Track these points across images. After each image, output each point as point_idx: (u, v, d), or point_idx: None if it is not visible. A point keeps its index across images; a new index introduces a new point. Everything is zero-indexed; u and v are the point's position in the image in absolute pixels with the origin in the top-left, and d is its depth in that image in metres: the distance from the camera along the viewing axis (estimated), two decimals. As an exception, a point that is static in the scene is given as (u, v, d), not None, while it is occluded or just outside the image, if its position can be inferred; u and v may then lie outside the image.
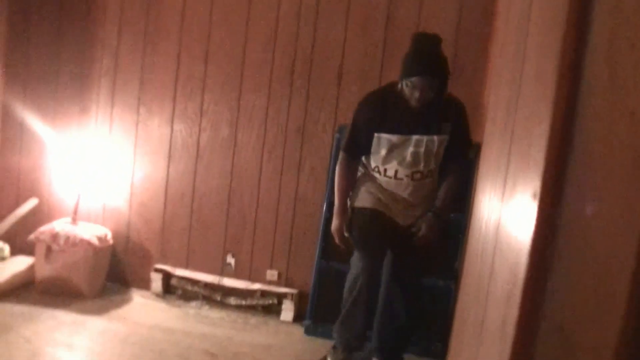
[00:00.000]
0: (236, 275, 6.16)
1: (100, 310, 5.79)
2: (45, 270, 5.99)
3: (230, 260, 6.15)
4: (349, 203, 4.77)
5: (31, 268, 6.12)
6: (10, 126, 6.46)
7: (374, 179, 4.67)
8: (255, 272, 6.12)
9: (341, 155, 4.70)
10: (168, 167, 6.21)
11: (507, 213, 1.31)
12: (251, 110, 5.99)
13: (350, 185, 4.73)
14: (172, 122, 6.17)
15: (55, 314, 5.63)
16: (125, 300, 6.04)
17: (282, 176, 5.89)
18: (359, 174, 4.79)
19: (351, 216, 4.69)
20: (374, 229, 4.61)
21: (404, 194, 4.59)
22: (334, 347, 4.90)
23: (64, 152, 6.35)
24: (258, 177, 6.04)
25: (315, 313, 5.77)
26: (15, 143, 6.48)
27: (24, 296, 5.86)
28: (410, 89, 4.29)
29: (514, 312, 1.15)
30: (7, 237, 6.39)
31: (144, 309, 5.94)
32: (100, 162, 6.29)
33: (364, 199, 4.65)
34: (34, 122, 6.42)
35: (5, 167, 6.50)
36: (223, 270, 6.18)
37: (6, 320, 5.41)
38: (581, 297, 0.99)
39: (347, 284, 4.73)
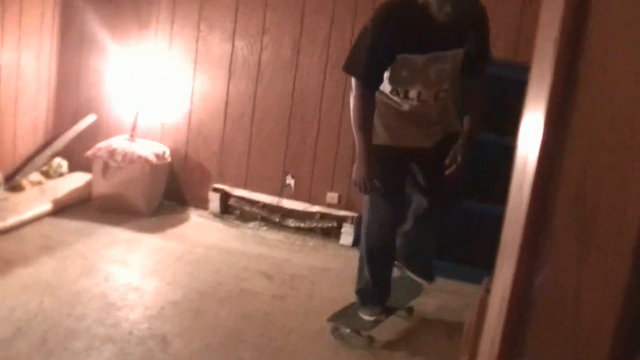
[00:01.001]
0: (295, 196, 6.08)
1: (156, 229, 5.78)
2: (102, 187, 5.98)
3: (290, 181, 6.06)
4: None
5: (88, 184, 6.12)
6: (69, 42, 6.41)
7: (388, 106, 4.12)
8: (314, 194, 6.03)
9: (358, 86, 3.94)
10: (228, 85, 6.11)
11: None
12: (313, 32, 5.83)
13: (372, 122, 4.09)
14: (233, 39, 6.05)
15: (111, 230, 5.63)
16: (182, 219, 6.01)
17: (344, 98, 5.73)
18: None
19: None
20: (399, 170, 4.27)
21: (427, 115, 4.15)
22: (363, 304, 4.51)
23: (123, 69, 6.28)
24: (319, 98, 5.91)
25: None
26: (74, 59, 6.43)
27: (80, 212, 5.86)
28: (439, 3, 3.69)
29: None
30: (65, 154, 6.40)
31: (200, 229, 5.91)
32: (159, 79, 6.22)
33: (381, 135, 4.12)
34: (93, 38, 6.36)
35: (64, 83, 6.47)
36: (282, 192, 6.11)
37: (63, 236, 5.43)
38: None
39: (366, 239, 4.37)
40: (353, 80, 3.97)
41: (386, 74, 3.94)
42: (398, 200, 4.31)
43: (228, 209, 6.20)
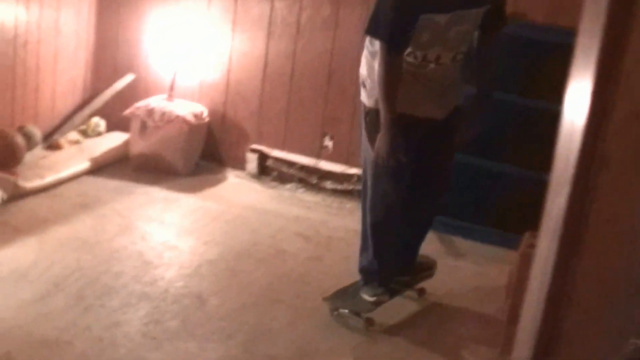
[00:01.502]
0: (333, 158, 6.04)
1: (193, 188, 5.77)
2: (139, 146, 5.98)
3: (328, 143, 6.02)
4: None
5: (126, 144, 6.12)
6: (108, 1, 6.39)
7: (403, 70, 3.84)
8: (353, 156, 5.98)
9: (383, 50, 3.70)
10: (267, 45, 6.06)
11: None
12: (353, -11, 5.77)
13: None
14: (271, -1, 6.01)
15: (148, 190, 5.64)
16: (219, 180, 5.99)
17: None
18: (371, 66, 3.95)
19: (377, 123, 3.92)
20: (414, 138, 3.99)
21: (441, 81, 3.92)
22: (365, 283, 4.27)
23: (162, 28, 6.26)
24: (359, 58, 5.84)
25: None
26: (112, 18, 6.41)
27: (118, 171, 5.87)
28: None
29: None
30: (104, 113, 6.40)
31: (238, 189, 5.90)
32: (198, 39, 6.18)
33: (402, 101, 3.82)
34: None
35: (103, 42, 6.46)
36: (320, 153, 6.06)
37: (100, 194, 5.45)
38: None
39: (371, 213, 4.15)
40: (377, 45, 3.77)
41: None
42: (408, 170, 4.03)
43: (265, 170, 6.17)
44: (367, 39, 3.97)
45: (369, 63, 3.95)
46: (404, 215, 4.15)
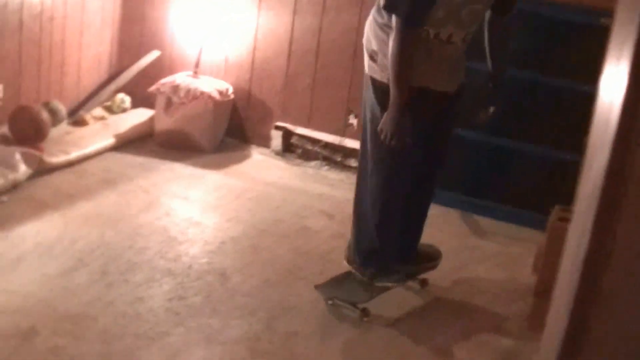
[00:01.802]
0: (358, 136, 6.01)
1: (217, 165, 5.78)
2: (164, 123, 5.99)
3: (353, 120, 5.99)
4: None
5: (151, 120, 6.12)
6: (134, -24, 6.40)
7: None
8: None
9: (400, 27, 3.53)
10: (293, 21, 6.03)
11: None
12: (379, -35, 5.72)
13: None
14: (298, -25, 5.98)
15: (173, 166, 5.65)
16: (243, 157, 5.99)
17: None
18: (382, 40, 3.77)
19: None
20: (430, 113, 3.88)
21: (451, 58, 3.81)
22: (373, 274, 4.09)
23: (188, 4, 6.24)
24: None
25: (439, 179, 5.61)
26: (139, -7, 6.42)
27: (143, 148, 5.88)
28: None
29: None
30: (129, 89, 6.40)
31: (262, 166, 5.89)
32: (224, 15, 6.17)
33: (415, 75, 3.67)
34: (158, -28, 6.33)
35: (129, 18, 6.46)
36: (345, 131, 6.05)
37: (125, 171, 5.46)
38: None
39: (377, 197, 3.95)
40: (394, 21, 3.57)
41: None
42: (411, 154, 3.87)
43: (290, 147, 6.17)
44: (375, 9, 3.80)
45: (379, 36, 3.76)
46: (407, 196, 4.02)
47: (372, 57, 3.81)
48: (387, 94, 3.69)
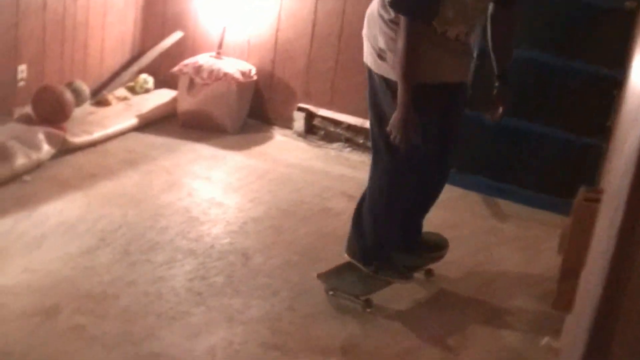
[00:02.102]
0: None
1: (240, 146, 5.77)
2: (187, 104, 5.99)
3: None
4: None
5: (174, 101, 6.13)
6: (158, -43, 6.39)
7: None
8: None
9: (408, 25, 3.45)
10: (316, 3, 6.01)
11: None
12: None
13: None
14: (321, -44, 5.96)
15: (195, 147, 5.65)
16: (266, 138, 5.99)
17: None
18: (390, 37, 3.65)
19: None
20: (441, 106, 3.79)
21: (458, 50, 3.71)
22: (376, 267, 4.01)
23: (211, -15, 6.24)
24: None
25: (460, 163, 5.58)
26: (162, -26, 6.42)
27: (165, 128, 5.89)
28: None
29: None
30: (152, 70, 6.41)
31: (284, 147, 5.89)
32: (247, -4, 6.16)
33: (426, 71, 3.58)
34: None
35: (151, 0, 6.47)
36: (367, 113, 6.02)
37: (148, 151, 5.47)
38: None
39: (385, 192, 3.89)
40: (402, 19, 3.47)
41: None
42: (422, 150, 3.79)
43: (312, 129, 6.15)
44: (380, 4, 3.68)
45: (387, 34, 3.64)
46: (416, 190, 3.97)
47: (381, 56, 3.70)
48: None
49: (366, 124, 5.81)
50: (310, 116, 6.13)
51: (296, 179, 5.30)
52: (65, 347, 3.32)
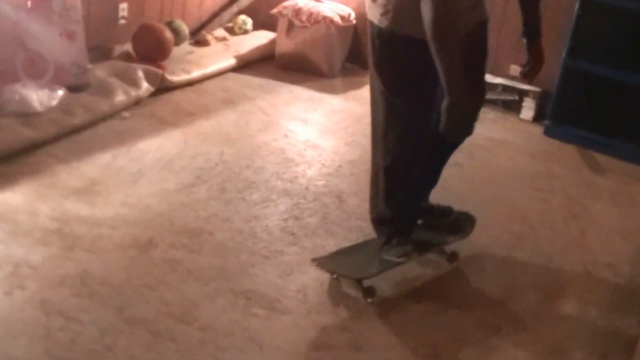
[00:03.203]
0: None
1: (337, 90, 5.76)
2: (285, 46, 5.99)
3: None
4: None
5: (272, 43, 6.13)
6: None
7: None
8: (498, 65, 5.83)
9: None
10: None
11: None
12: None
13: None
14: None
15: (292, 89, 5.65)
16: (363, 82, 5.92)
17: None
18: None
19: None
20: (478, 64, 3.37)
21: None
22: (388, 240, 3.53)
23: None
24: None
25: (556, 114, 5.48)
26: None
27: (263, 69, 5.90)
28: None
29: None
30: (250, 11, 6.41)
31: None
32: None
33: (409, 24, 2.98)
34: None
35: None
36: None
37: (245, 91, 5.49)
38: None
39: (392, 150, 3.36)
40: None
41: None
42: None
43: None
44: None
45: None
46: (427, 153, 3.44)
47: None
48: (387, 41, 3.11)
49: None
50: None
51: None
52: (161, 279, 3.37)
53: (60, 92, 4.81)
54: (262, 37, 6.24)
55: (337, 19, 5.89)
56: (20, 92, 4.66)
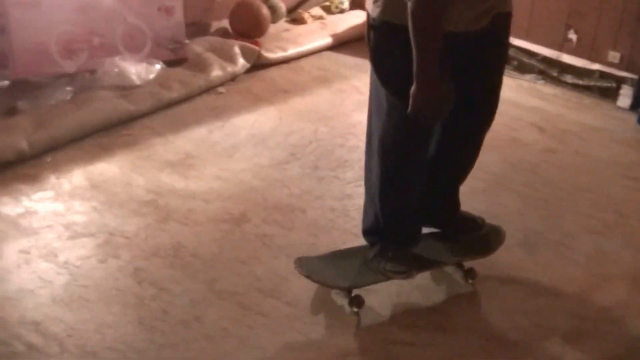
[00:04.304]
0: (576, 52, 5.78)
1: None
2: (380, 25, 5.96)
3: (572, 36, 5.76)
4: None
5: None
6: None
7: None
8: (596, 51, 5.71)
9: None
10: None
11: None
12: None
13: None
14: None
15: (387, 69, 5.63)
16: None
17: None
18: None
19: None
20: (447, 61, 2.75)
21: None
22: (382, 252, 3.13)
23: None
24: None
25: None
26: None
27: (359, 49, 5.85)
28: None
29: None
30: (348, -10, 6.41)
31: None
32: None
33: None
34: None
35: None
36: (563, 46, 5.83)
37: (340, 70, 5.50)
38: None
39: (384, 153, 3.00)
40: None
41: None
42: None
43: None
44: None
45: None
46: (433, 157, 3.14)
47: None
48: (380, 34, 2.77)
49: (561, 56, 5.66)
50: (505, 46, 5.98)
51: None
52: (252, 254, 3.41)
53: (158, 66, 4.89)
54: (359, 17, 6.21)
55: None
56: (119, 65, 4.75)
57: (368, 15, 2.79)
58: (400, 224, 3.14)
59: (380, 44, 2.79)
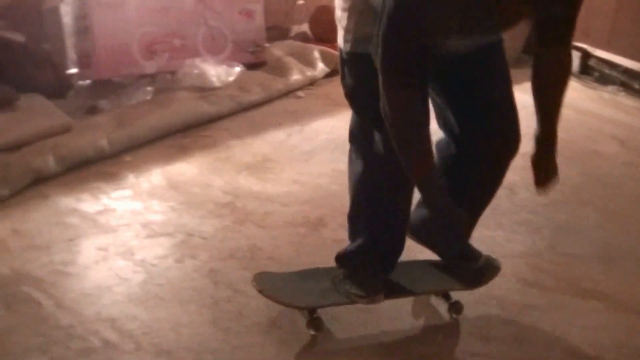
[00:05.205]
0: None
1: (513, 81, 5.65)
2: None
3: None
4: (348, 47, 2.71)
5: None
6: None
7: None
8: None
9: (391, 83, 2.39)
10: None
11: None
12: None
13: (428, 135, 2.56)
14: None
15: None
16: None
17: None
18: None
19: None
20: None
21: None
22: (350, 275, 2.93)
23: None
24: None
25: None
26: None
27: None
28: None
29: None
30: None
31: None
32: None
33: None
34: None
35: None
36: None
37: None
38: None
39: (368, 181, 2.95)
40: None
41: None
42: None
43: (587, 70, 5.92)
44: None
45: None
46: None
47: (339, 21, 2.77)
48: (352, 65, 2.77)
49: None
50: (585, 56, 5.90)
51: (567, 119, 5.02)
52: (328, 258, 3.37)
53: (238, 69, 4.91)
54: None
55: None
56: (200, 66, 4.78)
57: (340, 52, 2.80)
58: (377, 250, 2.94)
59: (352, 74, 2.79)
